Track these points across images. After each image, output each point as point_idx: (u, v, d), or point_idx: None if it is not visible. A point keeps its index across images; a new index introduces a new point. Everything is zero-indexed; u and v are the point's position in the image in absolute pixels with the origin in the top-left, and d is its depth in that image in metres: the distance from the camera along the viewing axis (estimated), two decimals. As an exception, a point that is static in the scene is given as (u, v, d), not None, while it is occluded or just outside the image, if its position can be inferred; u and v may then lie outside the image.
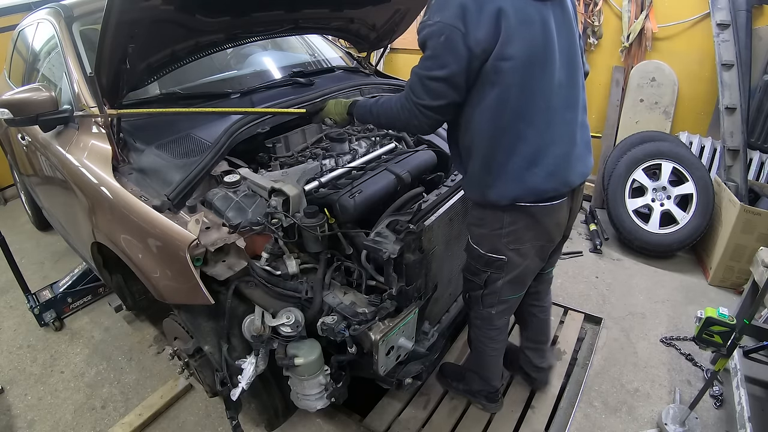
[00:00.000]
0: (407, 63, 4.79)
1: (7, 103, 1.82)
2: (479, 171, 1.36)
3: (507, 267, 1.47)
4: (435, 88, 1.24)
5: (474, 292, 1.60)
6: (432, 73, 1.23)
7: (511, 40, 1.18)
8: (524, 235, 1.42)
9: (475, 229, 1.49)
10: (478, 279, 1.54)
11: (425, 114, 1.28)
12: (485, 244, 1.46)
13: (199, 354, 1.56)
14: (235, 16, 1.80)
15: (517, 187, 1.34)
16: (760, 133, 2.93)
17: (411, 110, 1.30)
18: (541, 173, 1.32)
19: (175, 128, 1.77)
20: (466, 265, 1.58)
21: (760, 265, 2.04)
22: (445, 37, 1.17)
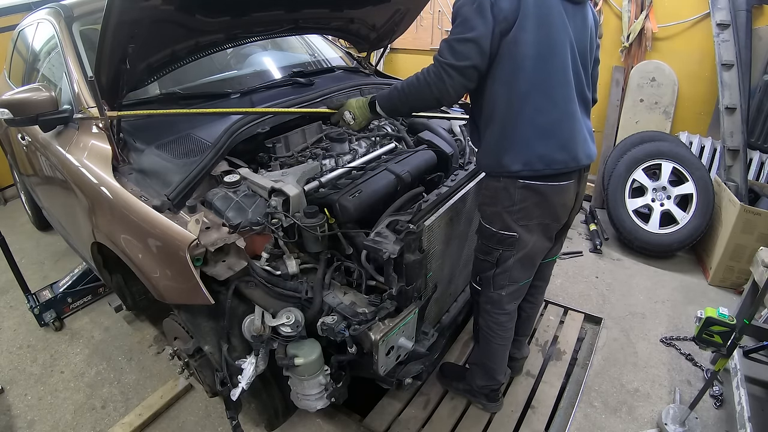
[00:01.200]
0: (407, 63, 4.80)
1: (7, 103, 1.82)
2: (496, 138, 1.43)
3: (518, 244, 1.53)
4: (462, 50, 1.31)
5: (485, 273, 1.63)
6: (461, 35, 1.30)
7: (530, 14, 1.29)
8: (533, 211, 1.49)
9: (488, 208, 1.54)
10: (491, 257, 1.59)
11: (450, 75, 1.33)
12: (497, 221, 1.52)
13: (199, 354, 1.56)
14: (235, 16, 1.80)
15: (530, 153, 1.41)
16: (760, 133, 2.93)
17: (437, 73, 1.34)
18: (552, 144, 1.41)
19: (175, 128, 1.77)
20: (478, 246, 1.63)
21: (760, 265, 2.04)
22: (477, 3, 1.28)
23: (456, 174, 1.84)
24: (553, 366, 2.19)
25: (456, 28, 1.33)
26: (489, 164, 1.49)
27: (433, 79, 1.36)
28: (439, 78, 1.35)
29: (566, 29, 1.37)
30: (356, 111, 1.63)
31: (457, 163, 2.01)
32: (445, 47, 1.34)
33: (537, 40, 1.31)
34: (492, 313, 1.71)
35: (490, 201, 1.53)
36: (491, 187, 1.51)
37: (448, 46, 1.34)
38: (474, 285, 1.72)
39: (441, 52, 1.35)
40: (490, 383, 1.88)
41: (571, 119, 1.44)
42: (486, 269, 1.62)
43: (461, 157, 2.09)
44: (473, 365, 1.93)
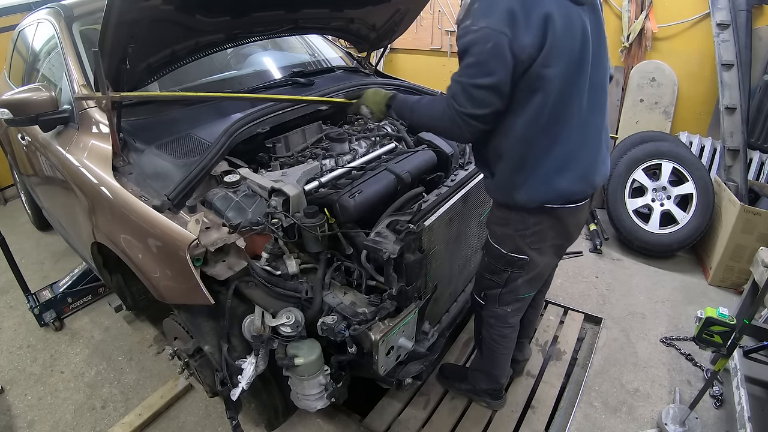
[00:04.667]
0: (407, 63, 4.79)
1: (7, 103, 1.82)
2: (508, 173, 1.36)
3: (528, 266, 1.50)
4: (480, 97, 1.20)
5: (491, 291, 1.60)
6: (477, 81, 1.19)
7: (556, 46, 1.17)
8: (547, 234, 1.45)
9: (498, 229, 1.49)
10: (498, 278, 1.55)
11: (468, 123, 1.24)
12: (508, 243, 1.47)
13: (199, 354, 1.56)
14: (235, 16, 1.80)
15: (547, 191, 1.35)
16: (760, 133, 2.93)
17: (453, 119, 1.26)
18: (571, 176, 1.35)
19: (175, 128, 1.77)
20: (485, 264, 1.58)
21: (760, 265, 2.04)
22: (493, 43, 1.14)
23: (456, 174, 1.84)
24: (553, 366, 2.19)
25: (469, 69, 1.20)
26: (500, 199, 1.44)
27: (449, 124, 1.28)
28: (455, 124, 1.26)
29: (589, 48, 1.26)
30: (373, 107, 1.57)
31: (457, 163, 2.01)
32: (460, 92, 1.22)
33: (561, 72, 1.21)
34: (496, 327, 1.70)
35: (501, 222, 1.47)
36: (504, 211, 1.46)
37: (463, 92, 1.21)
38: (477, 299, 1.70)
39: (456, 98, 1.23)
40: (494, 385, 1.89)
41: (590, 144, 1.37)
42: (491, 287, 1.60)
43: (461, 157, 2.09)
44: (475, 371, 1.93)
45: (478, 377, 1.91)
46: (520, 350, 2.03)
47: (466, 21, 1.19)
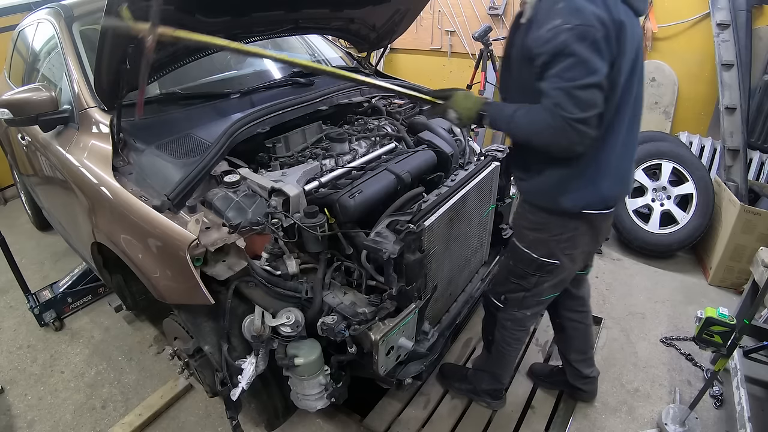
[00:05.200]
0: (407, 63, 4.80)
1: (7, 103, 1.83)
2: (557, 177, 1.35)
3: (557, 271, 1.50)
4: (587, 98, 1.13)
5: (515, 294, 1.59)
6: (582, 81, 1.12)
7: (623, 52, 1.18)
8: (581, 240, 1.45)
9: (531, 234, 1.47)
10: (525, 282, 1.54)
11: (579, 130, 1.15)
12: (541, 248, 1.46)
13: (199, 354, 1.56)
14: (235, 16, 1.80)
15: (593, 196, 1.36)
16: (760, 133, 2.93)
17: (562, 129, 1.16)
18: (614, 181, 1.36)
19: (175, 128, 1.78)
20: (511, 268, 1.56)
21: (760, 265, 2.04)
22: (591, 40, 1.11)
23: (456, 174, 1.84)
24: (553, 366, 2.19)
25: (570, 71, 1.12)
26: (544, 202, 1.42)
27: (556, 136, 1.19)
28: (563, 135, 1.17)
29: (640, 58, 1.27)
30: (462, 113, 1.43)
31: (457, 163, 2.01)
32: (564, 98, 1.13)
33: (624, 79, 1.22)
34: (512, 330, 1.69)
35: (538, 227, 1.45)
36: (540, 215, 1.44)
37: (568, 97, 1.13)
38: (495, 302, 1.68)
39: (561, 105, 1.14)
40: (496, 386, 1.90)
41: (630, 151, 1.39)
42: (516, 291, 1.59)
43: (461, 157, 2.09)
44: (479, 371, 1.92)
45: (481, 377, 1.91)
46: (590, 365, 1.95)
47: (554, 21, 1.13)
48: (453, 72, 4.51)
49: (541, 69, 1.18)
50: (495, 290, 1.70)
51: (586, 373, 1.94)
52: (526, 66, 1.27)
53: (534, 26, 1.20)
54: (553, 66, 1.15)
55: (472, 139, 2.30)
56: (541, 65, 1.18)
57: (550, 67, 1.16)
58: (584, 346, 1.91)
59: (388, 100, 2.35)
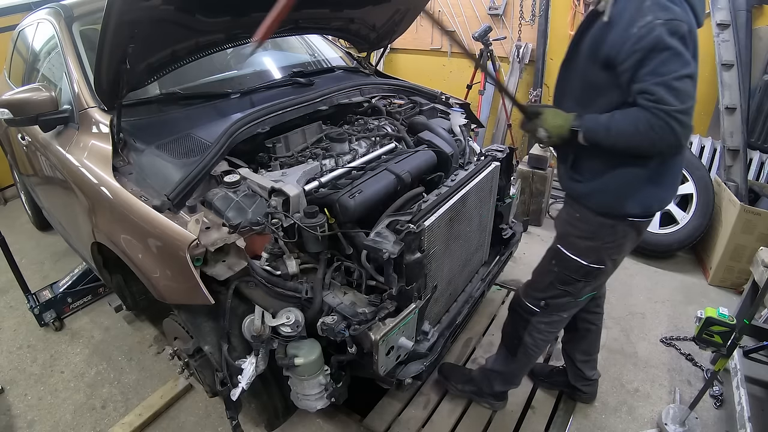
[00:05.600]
0: (407, 63, 4.80)
1: (7, 103, 1.83)
2: (627, 178, 1.33)
3: (602, 275, 1.50)
4: (684, 88, 1.13)
5: (559, 300, 1.58)
6: (680, 72, 1.13)
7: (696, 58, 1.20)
8: (626, 245, 1.46)
9: (582, 242, 1.46)
10: (571, 288, 1.53)
11: (681, 121, 1.14)
12: (591, 255, 1.45)
13: (199, 354, 1.56)
14: (235, 16, 1.80)
15: (655, 199, 1.36)
16: (760, 133, 2.93)
17: (664, 125, 1.14)
18: (670, 183, 1.38)
19: (175, 128, 1.77)
20: (557, 275, 1.54)
21: (760, 265, 2.04)
22: (681, 34, 1.13)
23: (456, 174, 1.84)
24: (553, 366, 2.19)
25: (668, 64, 1.12)
26: (603, 205, 1.39)
27: (661, 132, 1.16)
28: (668, 129, 1.15)
29: None
30: (553, 131, 1.36)
31: (457, 163, 2.01)
32: (664, 92, 1.13)
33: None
34: (545, 332, 1.67)
35: (589, 235, 1.44)
36: (594, 222, 1.42)
37: (668, 90, 1.12)
38: (531, 307, 1.64)
39: (663, 100, 1.13)
40: (508, 388, 1.87)
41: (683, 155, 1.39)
42: (561, 296, 1.57)
43: (461, 157, 2.09)
44: (494, 372, 1.87)
45: (494, 380, 1.86)
46: (592, 368, 1.97)
47: (645, 17, 1.13)
48: (453, 72, 4.51)
49: (634, 69, 1.16)
50: (533, 296, 1.64)
51: (589, 375, 1.93)
52: (592, 64, 1.27)
53: (616, 26, 1.19)
54: (647, 63, 1.14)
55: (472, 139, 2.30)
56: (634, 65, 1.16)
57: (644, 64, 1.14)
58: (591, 348, 1.91)
59: (388, 100, 2.35)
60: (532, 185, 3.33)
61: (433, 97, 2.43)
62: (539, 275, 1.64)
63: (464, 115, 2.36)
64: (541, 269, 1.62)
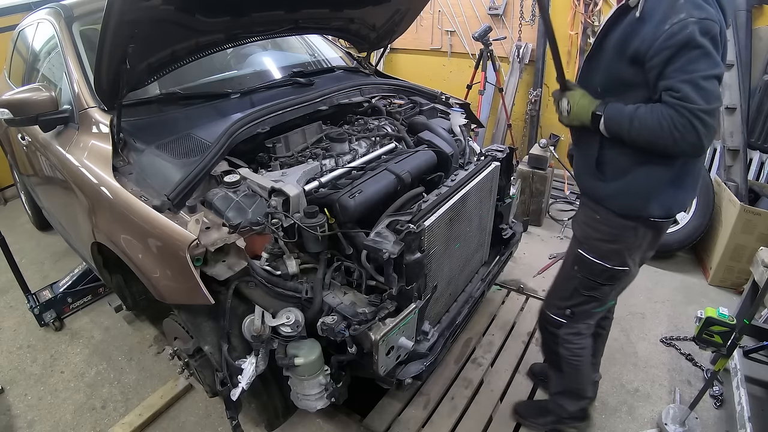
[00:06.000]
0: (407, 63, 4.80)
1: (7, 103, 1.83)
2: (651, 180, 1.32)
3: (626, 277, 1.50)
4: (711, 88, 1.12)
5: (584, 306, 1.56)
6: (708, 72, 1.12)
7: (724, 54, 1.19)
8: (650, 245, 1.46)
9: (605, 245, 1.44)
10: (598, 293, 1.52)
11: (704, 122, 1.12)
12: (615, 258, 1.44)
13: (199, 354, 1.56)
14: (235, 16, 1.80)
15: (676, 200, 1.35)
16: (760, 133, 2.93)
17: (687, 123, 1.13)
18: (694, 186, 1.37)
19: (175, 128, 1.78)
20: (581, 281, 1.51)
21: (760, 265, 2.04)
22: (713, 34, 1.12)
23: (456, 174, 1.84)
24: (553, 366, 2.19)
25: (695, 63, 1.11)
26: (625, 206, 1.37)
27: (683, 131, 1.14)
28: (690, 128, 1.13)
29: None
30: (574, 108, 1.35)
31: (457, 163, 2.01)
32: (690, 90, 1.11)
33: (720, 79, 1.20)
34: (575, 342, 1.65)
35: (611, 238, 1.42)
36: (615, 224, 1.40)
37: (695, 88, 1.11)
38: (557, 318, 1.62)
39: (688, 98, 1.11)
40: (581, 403, 1.82)
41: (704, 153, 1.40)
42: (586, 303, 1.55)
43: (461, 157, 2.09)
44: (559, 395, 1.83)
45: (563, 402, 1.81)
46: (595, 370, 1.93)
47: (678, 15, 1.12)
48: (453, 72, 4.51)
49: (663, 65, 1.15)
50: (557, 305, 1.62)
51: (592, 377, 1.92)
52: (619, 59, 1.25)
53: (648, 22, 1.18)
54: (676, 60, 1.13)
55: (472, 139, 2.30)
56: (663, 61, 1.14)
57: (673, 61, 1.13)
58: (598, 351, 1.90)
59: (388, 100, 2.35)
60: (532, 185, 3.33)
61: (433, 97, 2.43)
62: (562, 283, 1.61)
63: (464, 115, 2.36)
64: (563, 276, 1.59)
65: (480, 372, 2.14)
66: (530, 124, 4.20)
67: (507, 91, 4.08)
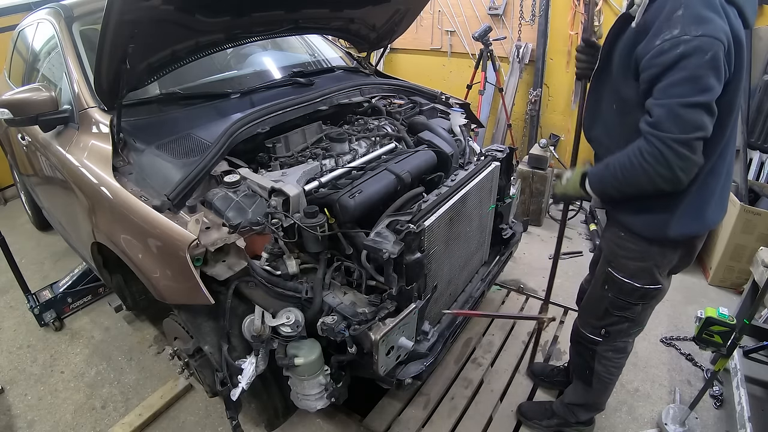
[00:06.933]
0: (407, 63, 4.80)
1: (7, 103, 1.83)
2: (660, 208, 1.25)
3: (659, 294, 1.43)
4: (690, 118, 1.01)
5: (616, 326, 1.50)
6: (688, 99, 1.01)
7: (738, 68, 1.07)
8: (683, 260, 1.39)
9: (632, 263, 1.37)
10: (630, 313, 1.45)
11: (677, 152, 1.03)
12: (645, 277, 1.37)
13: (199, 354, 1.56)
14: (235, 16, 1.80)
15: (698, 224, 1.27)
16: (760, 133, 2.93)
17: (656, 152, 1.04)
18: (718, 208, 1.27)
19: (175, 128, 1.78)
20: (611, 301, 1.45)
21: (760, 265, 2.04)
22: (711, 54, 0.99)
23: (456, 174, 1.84)
24: (553, 366, 2.19)
25: (678, 86, 1.01)
26: (648, 231, 1.29)
27: (652, 161, 1.06)
28: (660, 158, 1.04)
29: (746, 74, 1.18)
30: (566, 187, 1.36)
31: (457, 163, 2.01)
32: (664, 116, 1.02)
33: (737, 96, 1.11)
34: (614, 359, 1.61)
35: (638, 257, 1.35)
36: (641, 244, 1.33)
37: (670, 114, 1.02)
38: (593, 337, 1.57)
39: (659, 125, 1.03)
40: (593, 414, 1.82)
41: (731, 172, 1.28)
42: (618, 323, 1.49)
43: (461, 157, 2.09)
44: (576, 406, 1.81)
45: (577, 411, 1.80)
46: None
47: (672, 30, 1.02)
48: (453, 72, 4.51)
49: (649, 83, 1.07)
50: (591, 324, 1.57)
51: None
52: (623, 73, 1.18)
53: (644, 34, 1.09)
54: (660, 80, 1.04)
55: (472, 139, 2.30)
56: (650, 79, 1.06)
57: (659, 81, 1.05)
58: None
59: (388, 100, 2.35)
60: (532, 185, 3.33)
61: (433, 97, 2.43)
62: (593, 302, 1.55)
63: (464, 115, 2.36)
64: (594, 295, 1.54)
65: (480, 372, 2.14)
66: (530, 124, 4.20)
67: (507, 91, 4.08)
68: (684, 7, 1.02)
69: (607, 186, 1.23)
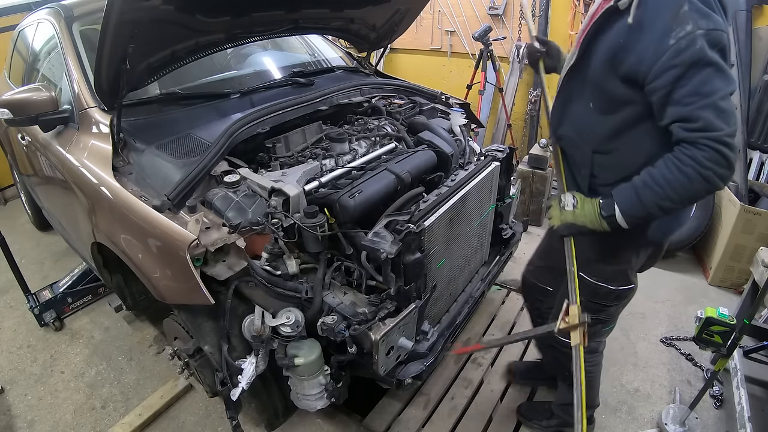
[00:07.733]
0: (407, 63, 4.79)
1: (7, 103, 1.83)
2: None
3: (632, 293, 1.47)
4: (730, 110, 1.00)
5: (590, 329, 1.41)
6: (725, 91, 1.00)
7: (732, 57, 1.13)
8: (647, 260, 1.43)
9: (608, 267, 1.38)
10: (604, 315, 1.48)
11: (731, 146, 1.00)
12: (619, 278, 1.40)
13: (199, 354, 1.56)
14: (235, 16, 1.80)
15: (675, 222, 1.32)
16: (760, 133, 2.93)
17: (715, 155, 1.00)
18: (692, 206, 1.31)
19: (175, 128, 1.78)
20: (587, 306, 1.37)
21: (760, 265, 2.04)
22: (723, 44, 1.00)
23: (456, 174, 1.84)
24: (553, 366, 2.19)
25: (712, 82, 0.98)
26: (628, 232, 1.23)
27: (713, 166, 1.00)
28: (721, 159, 0.99)
29: None
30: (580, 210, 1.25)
31: (457, 163, 2.01)
32: (712, 115, 0.98)
33: None
34: (589, 360, 1.61)
35: (613, 260, 1.36)
36: (616, 245, 1.33)
37: (716, 112, 0.98)
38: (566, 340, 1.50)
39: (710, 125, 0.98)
40: (589, 411, 1.81)
41: None
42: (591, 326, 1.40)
43: (461, 157, 2.09)
44: (565, 406, 1.82)
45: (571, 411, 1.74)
46: None
47: (684, 26, 0.99)
48: (453, 72, 4.51)
49: (671, 87, 1.01)
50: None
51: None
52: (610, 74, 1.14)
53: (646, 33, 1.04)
54: (687, 81, 1.00)
55: (472, 139, 2.30)
56: (671, 82, 1.01)
57: (684, 83, 1.00)
58: None
59: (388, 100, 2.35)
60: (532, 185, 3.33)
61: (433, 97, 2.43)
62: None
63: (464, 115, 2.36)
64: None
65: (480, 372, 2.14)
66: (530, 124, 4.20)
67: (507, 91, 4.08)
68: (688, 2, 1.00)
69: (653, 209, 1.12)
